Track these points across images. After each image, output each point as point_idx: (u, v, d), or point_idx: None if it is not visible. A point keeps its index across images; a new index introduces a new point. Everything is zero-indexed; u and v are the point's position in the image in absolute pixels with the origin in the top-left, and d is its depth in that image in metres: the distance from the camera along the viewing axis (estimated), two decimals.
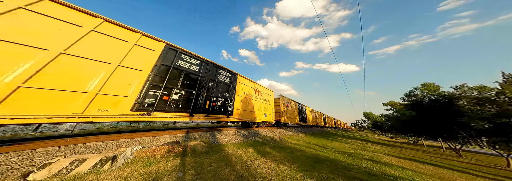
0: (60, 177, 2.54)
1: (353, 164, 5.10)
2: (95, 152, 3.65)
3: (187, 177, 2.93)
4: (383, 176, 4.23)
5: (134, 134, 5.34)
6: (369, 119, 49.48)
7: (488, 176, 5.93)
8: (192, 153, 4.26)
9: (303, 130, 17.67)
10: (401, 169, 5.22)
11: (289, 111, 16.29)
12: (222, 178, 3.04)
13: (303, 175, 3.55)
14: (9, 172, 2.56)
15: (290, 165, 4.22)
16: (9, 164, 2.70)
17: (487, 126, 7.70)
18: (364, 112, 52.15)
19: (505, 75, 8.29)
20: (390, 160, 6.67)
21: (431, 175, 5.04)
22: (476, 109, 8.64)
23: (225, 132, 7.68)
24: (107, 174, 2.76)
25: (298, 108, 19.16)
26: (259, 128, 11.81)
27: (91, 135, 5.56)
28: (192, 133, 6.47)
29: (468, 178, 5.38)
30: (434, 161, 7.93)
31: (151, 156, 3.72)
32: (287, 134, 11.60)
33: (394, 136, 33.36)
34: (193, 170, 3.24)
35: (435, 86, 13.24)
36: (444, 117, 10.23)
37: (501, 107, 7.61)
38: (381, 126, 35.83)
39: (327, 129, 34.09)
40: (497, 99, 8.10)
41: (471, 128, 8.71)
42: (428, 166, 6.45)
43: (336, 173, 3.95)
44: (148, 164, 3.30)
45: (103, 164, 3.02)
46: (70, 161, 2.82)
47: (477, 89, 9.45)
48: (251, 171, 3.53)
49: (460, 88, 10.28)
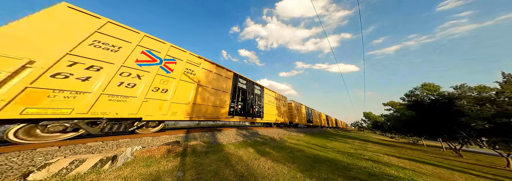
0: (60, 177, 2.55)
1: (353, 164, 5.10)
2: (95, 152, 3.65)
3: (187, 177, 2.93)
4: (383, 176, 4.23)
5: (134, 134, 5.33)
6: (369, 119, 49.47)
7: (488, 176, 5.93)
8: (192, 153, 4.26)
9: (303, 130, 17.67)
10: (401, 169, 5.22)
11: (299, 114, 19.54)
12: (222, 178, 3.04)
13: (303, 175, 3.55)
14: (9, 172, 2.56)
15: (290, 165, 4.22)
16: (9, 164, 2.70)
17: (487, 126, 7.70)
18: (364, 112, 52.14)
19: (505, 75, 8.29)
20: (390, 160, 6.67)
21: (431, 175, 5.04)
22: (476, 109, 8.63)
23: (225, 132, 7.69)
24: (107, 174, 2.76)
25: (306, 111, 22.39)
26: (259, 128, 12.12)
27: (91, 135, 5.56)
28: (192, 133, 6.47)
29: (468, 178, 5.38)
30: (434, 161, 7.93)
31: (151, 156, 3.72)
32: (287, 134, 11.60)
33: (394, 136, 33.35)
34: (193, 170, 3.24)
35: (435, 86, 13.23)
36: (444, 117, 10.23)
37: (501, 107, 7.60)
38: (381, 126, 35.82)
39: (327, 129, 34.10)
40: (497, 99, 8.10)
41: (471, 128, 8.70)
42: (428, 166, 6.45)
43: (336, 173, 3.95)
44: (148, 164, 3.30)
45: (103, 164, 3.02)
46: (70, 161, 2.82)
47: (477, 89, 9.45)
48: (251, 171, 3.53)
49: (460, 88, 10.28)
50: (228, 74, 8.49)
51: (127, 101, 4.36)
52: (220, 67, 7.99)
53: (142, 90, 4.68)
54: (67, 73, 3.52)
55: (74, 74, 3.61)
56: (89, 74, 3.81)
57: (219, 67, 7.95)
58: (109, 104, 4.04)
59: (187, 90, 6.11)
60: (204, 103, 6.73)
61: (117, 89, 4.20)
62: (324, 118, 35.42)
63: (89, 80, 3.78)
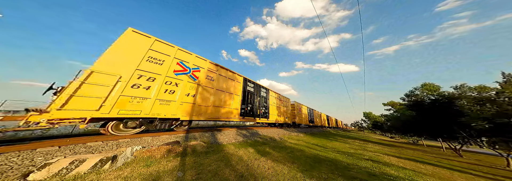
0: (60, 177, 2.54)
1: (353, 164, 5.10)
2: (95, 152, 3.65)
3: (187, 177, 2.93)
4: (383, 176, 4.23)
5: (134, 134, 5.33)
6: (369, 119, 49.44)
7: (488, 176, 5.93)
8: (192, 153, 4.25)
9: (303, 130, 17.67)
10: (401, 169, 5.22)
11: (301, 114, 20.18)
12: (222, 178, 3.04)
13: (303, 175, 3.55)
14: (9, 172, 2.56)
15: (290, 165, 4.22)
16: (9, 164, 2.70)
17: (487, 126, 7.69)
18: (364, 112, 52.10)
19: (505, 75, 8.28)
20: (390, 160, 6.66)
21: (431, 175, 5.04)
22: (476, 109, 8.63)
23: (225, 132, 7.68)
24: (107, 174, 2.76)
25: (307, 111, 23.02)
26: (259, 128, 12.27)
27: (91, 135, 5.55)
28: (192, 133, 6.47)
29: (468, 178, 5.38)
30: (434, 161, 7.93)
31: (151, 156, 3.72)
32: (287, 134, 11.60)
33: (394, 136, 33.35)
34: (193, 170, 3.24)
35: (435, 86, 13.23)
36: (444, 117, 10.23)
37: (501, 107, 7.60)
38: (381, 126, 35.81)
39: (327, 129, 34.10)
40: (497, 99, 8.09)
41: (471, 128, 8.70)
42: (428, 166, 6.45)
43: (336, 173, 3.95)
44: (148, 164, 3.30)
45: (103, 164, 3.02)
46: (70, 161, 2.82)
47: (477, 89, 9.45)
48: (251, 171, 3.53)
49: (460, 88, 10.27)
50: (239, 78, 9.39)
51: (170, 105, 5.47)
52: (232, 72, 8.83)
53: (179, 95, 5.74)
54: (138, 84, 4.75)
55: (142, 85, 4.81)
56: (149, 84, 4.99)
57: (231, 73, 8.81)
58: (160, 107, 5.19)
59: (207, 95, 7.05)
60: (220, 105, 7.66)
61: (164, 95, 5.33)
62: (325, 118, 35.54)
63: (149, 89, 4.97)
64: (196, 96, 6.41)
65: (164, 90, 5.32)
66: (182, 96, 5.81)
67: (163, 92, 5.30)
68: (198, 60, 6.83)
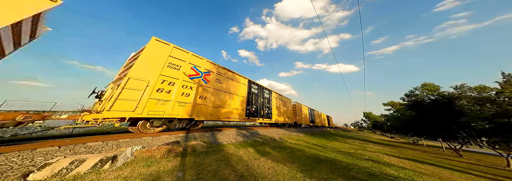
0: (60, 177, 2.54)
1: (353, 164, 5.10)
2: (95, 152, 3.65)
3: (187, 177, 2.93)
4: (383, 176, 4.22)
5: (134, 134, 5.34)
6: (369, 119, 49.41)
7: (488, 176, 5.93)
8: (192, 153, 4.25)
9: (303, 130, 17.67)
10: (401, 169, 5.22)
11: (302, 115, 20.73)
12: (222, 178, 3.03)
13: (303, 175, 3.55)
14: (9, 172, 2.56)
15: (290, 165, 4.21)
16: (9, 164, 2.71)
17: (487, 126, 7.69)
18: (364, 112, 52.05)
19: (505, 75, 8.28)
20: (390, 160, 6.66)
21: (431, 175, 5.04)
22: (476, 109, 8.62)
23: (225, 132, 7.69)
24: (107, 174, 2.76)
25: (309, 112, 23.48)
26: (259, 128, 12.28)
27: (91, 135, 5.56)
28: (192, 133, 6.47)
29: (468, 178, 5.38)
30: (434, 161, 7.93)
31: (151, 156, 3.72)
32: (287, 134, 11.59)
33: (394, 136, 33.33)
34: (193, 170, 3.24)
35: (435, 86, 13.21)
36: (444, 117, 10.22)
37: (501, 107, 7.60)
38: (381, 126, 35.78)
39: (327, 129, 34.10)
40: (497, 99, 8.09)
41: (471, 128, 8.70)
42: (428, 166, 6.44)
43: (336, 173, 3.95)
44: (148, 164, 3.30)
45: (103, 164, 3.02)
46: (70, 161, 2.82)
47: (477, 89, 9.44)
48: (251, 171, 3.53)
49: (460, 88, 10.26)
50: (244, 80, 9.86)
51: (186, 106, 6.03)
52: (238, 75, 9.31)
53: (193, 97, 6.31)
54: (162, 88, 5.32)
55: (164, 89, 5.39)
56: (170, 88, 5.56)
57: (237, 75, 9.29)
58: (178, 108, 5.77)
59: (217, 96, 7.54)
60: (228, 106, 8.11)
61: (181, 97, 5.90)
62: (325, 118, 35.59)
63: (170, 92, 5.56)
64: (208, 98, 7.01)
65: (181, 93, 5.87)
66: (196, 99, 6.41)
67: (181, 95, 5.87)
68: (209, 64, 7.33)
